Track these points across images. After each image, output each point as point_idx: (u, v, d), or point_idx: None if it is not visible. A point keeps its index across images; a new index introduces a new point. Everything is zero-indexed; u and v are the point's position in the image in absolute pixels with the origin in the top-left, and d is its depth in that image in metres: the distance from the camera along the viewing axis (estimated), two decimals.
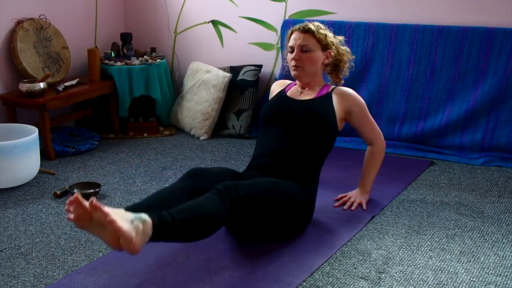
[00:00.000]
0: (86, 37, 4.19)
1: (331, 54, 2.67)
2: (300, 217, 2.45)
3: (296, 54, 2.61)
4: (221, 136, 4.02)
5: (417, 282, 2.13)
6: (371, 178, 2.80)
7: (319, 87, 2.69)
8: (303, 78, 2.66)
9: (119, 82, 3.92)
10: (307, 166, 2.54)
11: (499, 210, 2.76)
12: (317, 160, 2.59)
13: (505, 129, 3.45)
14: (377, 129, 2.76)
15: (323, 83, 2.72)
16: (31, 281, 2.14)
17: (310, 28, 2.61)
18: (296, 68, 2.63)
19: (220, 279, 2.12)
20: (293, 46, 2.63)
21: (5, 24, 3.56)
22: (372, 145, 2.77)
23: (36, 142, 3.10)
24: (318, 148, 2.57)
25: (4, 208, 2.80)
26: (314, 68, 2.64)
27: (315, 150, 2.57)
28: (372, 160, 2.78)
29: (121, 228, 1.77)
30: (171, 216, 1.94)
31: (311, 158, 2.55)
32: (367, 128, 2.73)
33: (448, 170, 3.32)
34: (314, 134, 2.56)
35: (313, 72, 2.66)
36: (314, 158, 2.57)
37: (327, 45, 2.65)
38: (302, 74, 2.64)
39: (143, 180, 3.16)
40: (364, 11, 3.80)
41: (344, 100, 2.65)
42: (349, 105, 2.65)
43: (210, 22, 4.28)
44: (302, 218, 2.48)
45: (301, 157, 2.52)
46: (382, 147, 2.78)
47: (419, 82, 3.64)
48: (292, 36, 2.65)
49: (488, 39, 3.45)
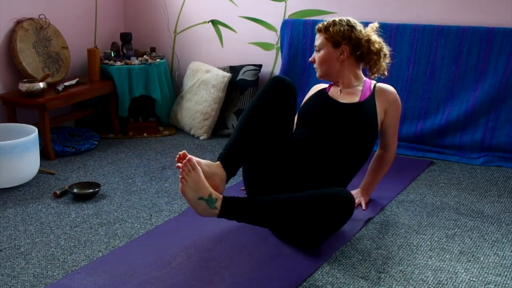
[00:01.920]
0: (85, 37, 4.19)
1: (348, 49, 2.55)
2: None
3: (313, 55, 2.62)
4: (221, 136, 4.02)
5: (417, 282, 2.13)
6: (374, 183, 2.79)
7: (358, 83, 2.60)
8: (324, 77, 2.63)
9: (118, 82, 3.92)
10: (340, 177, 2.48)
11: (499, 210, 2.76)
12: (356, 165, 2.54)
13: (504, 129, 3.45)
14: (396, 137, 2.71)
15: (362, 79, 2.63)
16: (31, 281, 2.14)
17: (319, 26, 2.60)
18: (315, 69, 2.64)
19: (220, 279, 2.12)
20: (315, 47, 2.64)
21: (5, 24, 3.56)
22: (385, 150, 2.72)
23: (36, 142, 3.10)
24: (358, 155, 2.52)
25: (3, 208, 2.80)
26: (327, 66, 2.58)
27: (356, 157, 2.51)
28: (380, 165, 2.74)
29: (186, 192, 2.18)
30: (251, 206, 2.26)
31: (346, 170, 2.50)
32: (391, 132, 2.67)
33: (448, 170, 3.32)
34: (357, 141, 2.49)
35: (330, 71, 2.58)
36: (353, 164, 2.52)
37: (338, 41, 2.53)
38: (320, 74, 2.63)
39: (143, 180, 3.16)
40: (364, 11, 3.80)
41: (385, 99, 2.58)
42: (387, 105, 2.60)
43: (209, 22, 4.28)
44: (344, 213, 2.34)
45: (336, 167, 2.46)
46: (393, 155, 2.74)
47: (419, 82, 3.65)
48: None
49: (488, 39, 3.46)
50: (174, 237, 2.46)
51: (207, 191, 2.19)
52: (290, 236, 2.36)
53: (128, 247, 2.38)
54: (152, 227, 2.57)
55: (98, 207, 2.81)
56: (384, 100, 2.59)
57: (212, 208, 2.21)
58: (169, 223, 2.60)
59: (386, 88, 2.62)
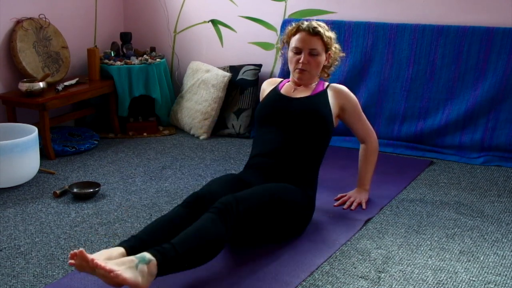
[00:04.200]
0: (85, 37, 4.19)
1: (331, 55, 2.66)
2: (300, 219, 2.45)
3: (305, 57, 2.57)
4: (221, 135, 4.02)
5: (417, 282, 2.13)
6: (368, 176, 2.80)
7: (314, 84, 2.68)
8: (306, 80, 2.64)
9: (118, 81, 3.92)
10: (305, 165, 2.53)
11: (499, 210, 2.76)
12: (315, 159, 2.58)
13: (504, 129, 3.45)
14: (369, 127, 2.77)
15: (318, 80, 2.71)
16: (31, 281, 2.14)
17: (319, 31, 2.58)
18: (302, 71, 2.60)
19: (220, 279, 2.12)
20: (300, 48, 2.58)
21: (5, 23, 3.56)
22: (365, 142, 2.78)
23: (36, 142, 3.10)
24: (315, 146, 2.57)
25: (3, 208, 2.80)
26: (318, 70, 2.65)
27: (313, 149, 2.56)
28: (367, 158, 2.78)
29: (126, 279, 1.81)
30: (174, 250, 1.93)
31: (309, 157, 2.54)
32: (360, 126, 2.74)
33: (448, 169, 3.32)
34: (312, 131, 2.55)
35: (316, 74, 2.66)
36: (312, 157, 2.56)
37: (329, 47, 2.63)
38: (307, 77, 2.62)
39: (143, 180, 3.16)
40: (364, 11, 3.80)
41: (339, 96, 2.65)
42: (343, 101, 2.66)
43: (209, 21, 4.28)
44: (303, 220, 2.47)
45: (299, 156, 2.52)
46: (375, 144, 2.78)
47: (419, 81, 3.64)
48: (299, 36, 2.59)
49: (488, 38, 3.45)
50: None
51: (131, 258, 1.89)
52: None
53: None
54: None
55: (98, 207, 2.81)
56: (338, 97, 2.65)
57: (146, 263, 1.87)
58: None
59: (338, 86, 2.70)
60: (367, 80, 3.77)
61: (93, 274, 1.84)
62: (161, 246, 1.94)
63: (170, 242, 1.96)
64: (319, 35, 2.58)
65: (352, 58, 3.78)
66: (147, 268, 1.86)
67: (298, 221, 2.44)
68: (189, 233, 2.01)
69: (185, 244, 1.97)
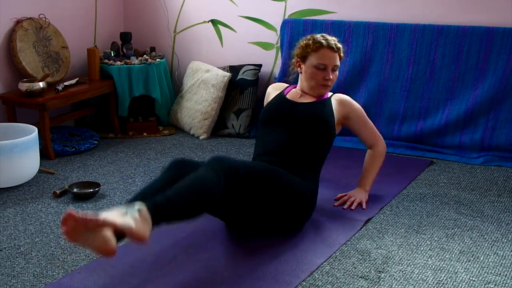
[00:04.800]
0: (85, 37, 4.19)
1: None
2: (300, 209, 2.46)
3: (330, 73, 2.65)
4: (221, 135, 4.02)
5: (417, 282, 2.13)
6: (371, 177, 2.82)
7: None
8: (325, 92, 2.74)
9: (118, 81, 3.92)
10: (307, 165, 2.56)
11: (499, 210, 2.76)
12: (317, 160, 2.62)
13: (504, 129, 3.45)
14: (376, 133, 2.83)
15: None
16: (31, 281, 2.14)
17: (340, 47, 2.69)
18: (326, 87, 2.69)
19: (220, 279, 2.12)
20: (325, 64, 2.65)
21: (5, 23, 3.56)
22: (373, 147, 2.82)
23: (36, 142, 3.10)
24: (317, 149, 2.61)
25: (3, 208, 2.80)
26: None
27: (315, 150, 2.60)
28: (373, 161, 2.82)
29: (116, 223, 1.77)
30: (165, 197, 1.94)
31: (311, 158, 2.58)
32: (367, 133, 2.80)
33: (448, 169, 3.32)
34: (314, 136, 2.60)
35: None
36: (314, 158, 2.60)
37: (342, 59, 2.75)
38: (328, 90, 2.73)
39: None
40: (364, 11, 3.80)
41: (343, 106, 2.73)
42: (347, 110, 2.74)
43: (209, 21, 4.28)
44: (302, 211, 2.48)
45: (302, 156, 2.56)
46: (383, 149, 2.83)
47: (419, 81, 3.64)
48: (323, 53, 2.65)
49: (488, 38, 3.45)
50: (174, 237, 2.46)
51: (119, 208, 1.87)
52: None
53: (128, 247, 2.38)
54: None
55: (98, 206, 2.81)
56: (342, 106, 2.73)
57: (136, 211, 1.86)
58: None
59: (343, 96, 2.78)
60: (367, 80, 3.77)
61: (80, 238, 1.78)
62: (151, 198, 1.95)
63: (162, 193, 1.98)
64: (337, 52, 2.67)
65: (352, 58, 3.78)
66: (138, 215, 1.83)
67: (298, 210, 2.44)
68: (181, 182, 2.03)
69: (176, 190, 1.98)
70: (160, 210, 1.91)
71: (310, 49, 2.67)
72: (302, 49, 2.71)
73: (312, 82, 2.68)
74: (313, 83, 2.68)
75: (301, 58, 2.71)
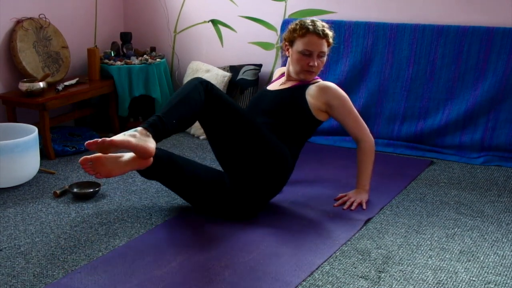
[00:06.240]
0: (85, 37, 4.19)
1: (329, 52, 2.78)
2: (276, 163, 2.56)
3: (315, 60, 2.65)
4: None
5: (417, 282, 2.13)
6: (366, 176, 2.79)
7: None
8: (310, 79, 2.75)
9: (118, 81, 3.92)
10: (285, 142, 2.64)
11: (499, 210, 2.76)
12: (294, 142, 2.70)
13: (504, 128, 3.45)
14: (362, 125, 2.77)
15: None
16: (31, 281, 2.14)
17: (327, 33, 2.66)
18: (311, 73, 2.69)
19: (220, 279, 2.12)
20: (311, 51, 2.64)
21: (5, 23, 3.56)
22: (360, 142, 2.77)
23: (36, 142, 3.10)
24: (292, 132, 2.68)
25: (4, 208, 2.80)
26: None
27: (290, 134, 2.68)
28: (363, 158, 2.77)
29: (114, 140, 2.19)
30: (157, 116, 2.30)
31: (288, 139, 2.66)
32: (351, 123, 2.74)
33: (448, 169, 3.32)
34: (284, 119, 2.67)
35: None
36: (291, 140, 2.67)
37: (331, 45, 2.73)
38: (313, 76, 2.73)
39: (143, 180, 3.16)
40: (364, 11, 3.80)
41: (323, 92, 2.70)
42: (328, 98, 2.70)
43: (209, 21, 4.28)
44: (279, 167, 2.57)
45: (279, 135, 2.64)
46: (371, 145, 2.77)
47: (419, 81, 3.65)
48: (309, 39, 2.64)
49: (488, 38, 3.46)
50: (174, 237, 2.46)
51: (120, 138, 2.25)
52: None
53: (128, 247, 2.38)
54: (152, 227, 2.57)
55: (98, 206, 2.81)
56: (322, 93, 2.70)
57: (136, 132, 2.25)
58: (169, 223, 2.60)
59: (326, 83, 2.75)
60: (367, 80, 3.77)
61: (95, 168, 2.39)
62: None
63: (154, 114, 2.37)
64: (325, 38, 2.65)
65: (352, 58, 3.78)
66: (136, 133, 2.23)
67: (274, 162, 2.54)
68: (169, 99, 2.42)
69: (166, 106, 2.36)
70: (157, 126, 2.27)
71: (297, 34, 2.67)
72: (290, 33, 2.71)
73: (297, 67, 2.69)
74: (298, 68, 2.69)
75: (289, 42, 2.71)
